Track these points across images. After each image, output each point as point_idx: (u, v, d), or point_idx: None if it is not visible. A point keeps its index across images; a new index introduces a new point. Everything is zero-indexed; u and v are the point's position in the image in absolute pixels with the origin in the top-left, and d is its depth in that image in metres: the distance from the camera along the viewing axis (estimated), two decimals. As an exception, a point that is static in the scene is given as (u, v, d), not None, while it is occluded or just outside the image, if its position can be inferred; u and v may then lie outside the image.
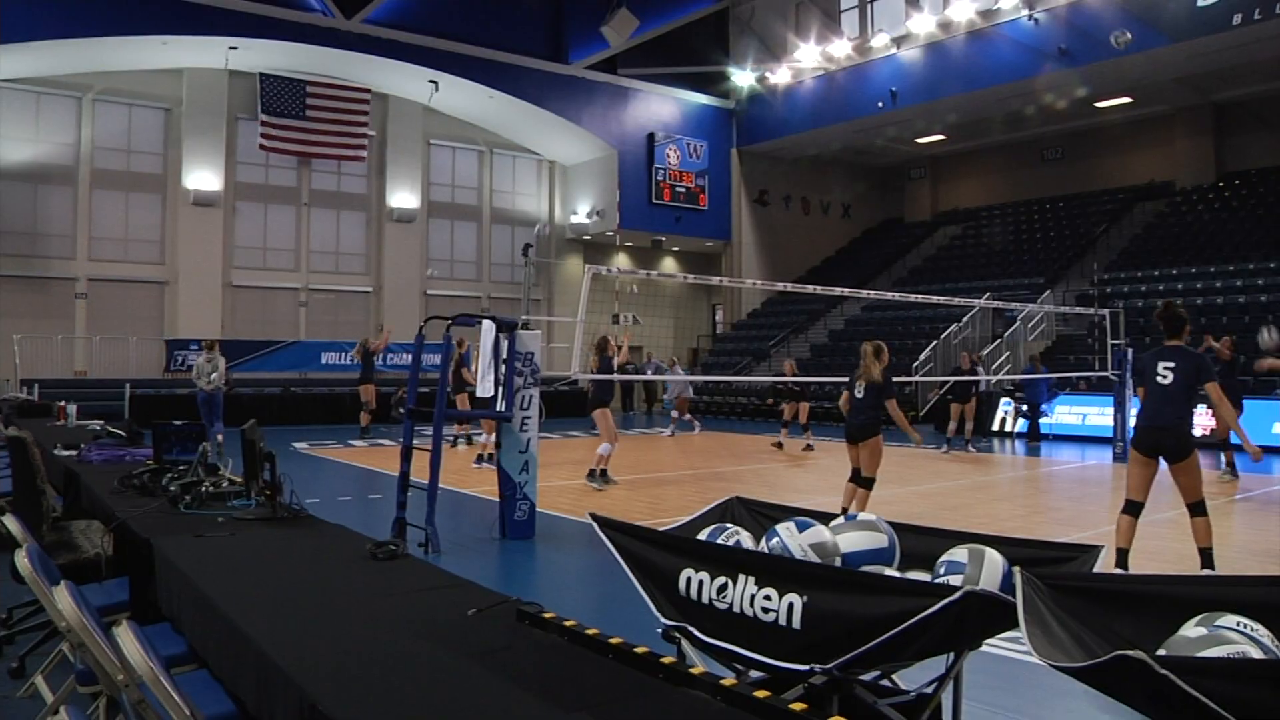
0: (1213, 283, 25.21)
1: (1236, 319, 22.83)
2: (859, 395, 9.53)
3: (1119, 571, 7.10)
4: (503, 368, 8.99)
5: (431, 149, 31.16)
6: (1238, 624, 2.60)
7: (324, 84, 27.77)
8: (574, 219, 33.34)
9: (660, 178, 32.85)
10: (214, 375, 16.84)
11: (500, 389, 9.00)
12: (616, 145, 31.92)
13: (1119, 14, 24.73)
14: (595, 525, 3.59)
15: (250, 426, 5.57)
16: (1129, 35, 19.33)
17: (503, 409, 9.01)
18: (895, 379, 9.75)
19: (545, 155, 33.54)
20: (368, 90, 28.44)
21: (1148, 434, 7.56)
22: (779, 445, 18.86)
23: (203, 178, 26.39)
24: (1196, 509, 7.45)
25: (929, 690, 3.23)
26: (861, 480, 9.47)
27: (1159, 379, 7.52)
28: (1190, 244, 27.91)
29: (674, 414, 23.31)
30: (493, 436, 13.16)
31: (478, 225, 32.39)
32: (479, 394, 9.46)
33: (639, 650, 2.78)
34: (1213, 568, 7.37)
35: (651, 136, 32.68)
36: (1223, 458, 14.12)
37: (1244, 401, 13.95)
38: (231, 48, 25.37)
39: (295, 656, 2.78)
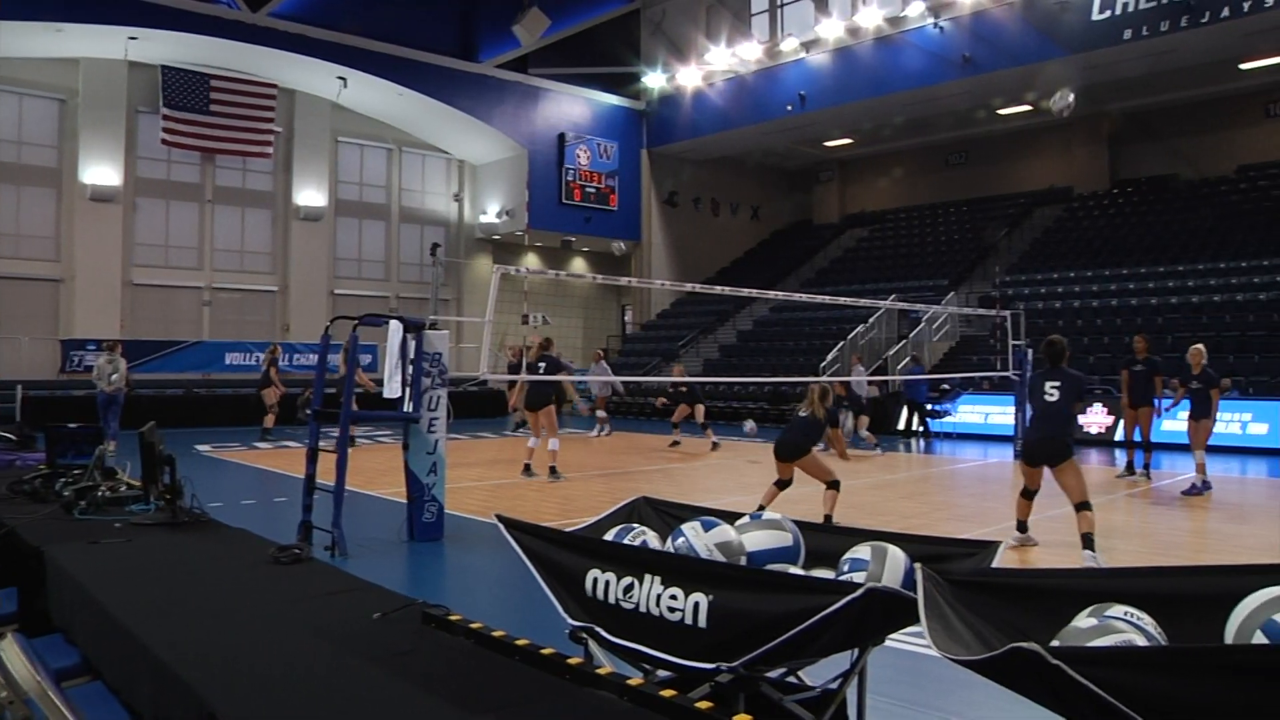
0: (1107, 285, 26.02)
1: (1129, 320, 23.62)
2: (801, 415, 9.93)
3: (1018, 566, 7.29)
4: (410, 368, 8.91)
5: (340, 146, 30.69)
6: (1125, 613, 2.69)
7: (229, 78, 27.14)
8: (483, 219, 33.11)
9: (570, 178, 32.80)
10: (114, 376, 16.38)
11: (408, 390, 8.92)
12: (527, 145, 31.79)
13: (1021, 25, 25.51)
14: (501, 527, 3.57)
15: (149, 429, 5.43)
16: (1070, 100, 19.96)
17: (410, 410, 8.93)
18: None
19: (455, 154, 33.26)
20: (274, 85, 27.90)
21: (1035, 445, 8.67)
22: (675, 444, 19.09)
23: (101, 172, 25.57)
24: (1082, 507, 8.27)
25: (834, 686, 3.28)
26: (829, 484, 9.80)
27: (1046, 397, 8.64)
28: (1086, 248, 28.75)
29: (599, 414, 23.12)
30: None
31: (386, 224, 32.00)
32: (385, 395, 9.34)
33: (545, 652, 2.77)
34: (1093, 549, 8.10)
35: (562, 137, 32.61)
36: (1123, 457, 14.28)
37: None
38: (131, 38, 24.63)
39: (194, 665, 2.72)
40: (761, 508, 9.39)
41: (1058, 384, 8.62)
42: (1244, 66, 26.15)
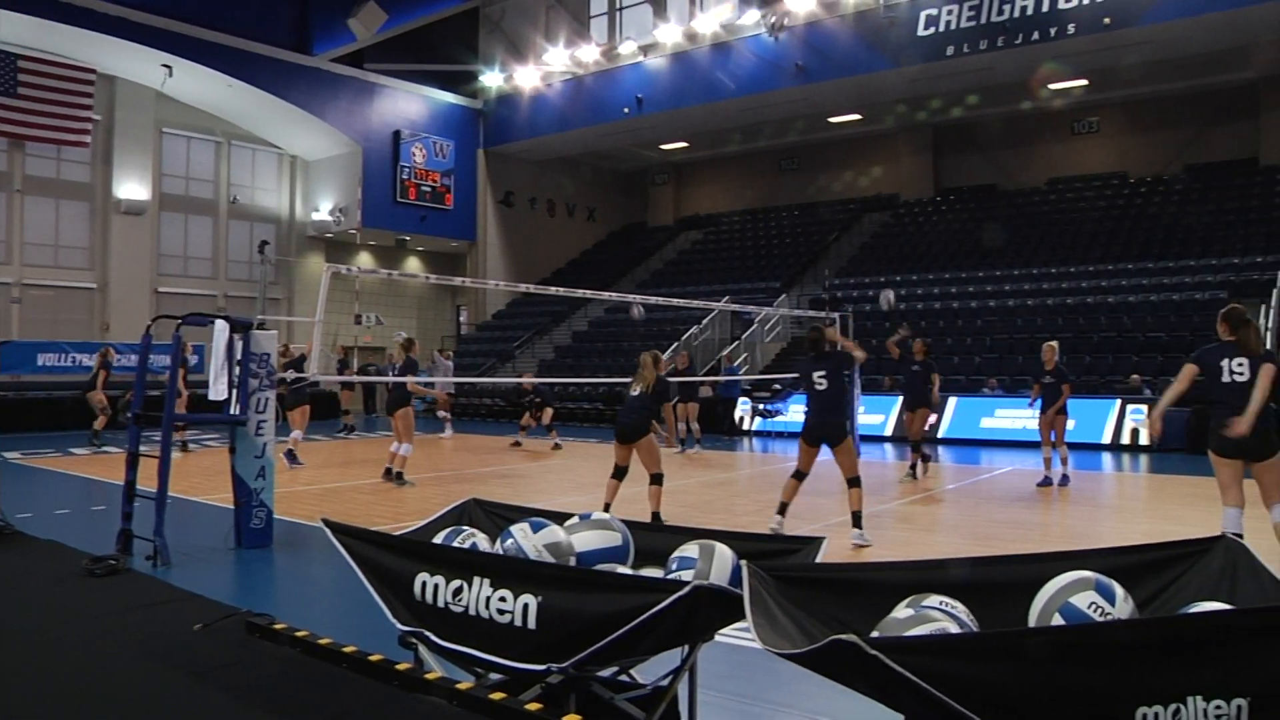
0: (931, 289, 27.15)
1: (951, 322, 24.70)
2: (634, 394, 9.84)
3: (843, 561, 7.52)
4: (237, 369, 8.64)
5: (164, 138, 29.38)
6: (940, 603, 2.81)
7: (40, 60, 25.49)
8: (315, 216, 32.25)
9: (405, 176, 32.25)
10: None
11: (234, 391, 8.64)
12: (361, 141, 31.11)
13: (852, 37, 26.40)
14: (328, 531, 3.49)
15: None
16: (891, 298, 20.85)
17: (237, 412, 8.65)
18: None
19: (287, 149, 32.29)
20: (92, 70, 26.40)
21: (815, 428, 9.03)
22: (518, 444, 19.11)
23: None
24: (853, 482, 8.82)
25: (665, 683, 3.32)
26: (653, 478, 9.79)
27: (816, 385, 9.01)
28: (912, 253, 29.92)
29: (441, 413, 22.57)
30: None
31: (214, 220, 30.84)
32: (211, 397, 9.01)
33: (373, 658, 2.73)
34: (860, 527, 8.72)
35: (397, 134, 32.03)
36: (911, 457, 14.47)
37: (944, 398, 14.79)
38: (-71, 15, 23.08)
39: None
40: (607, 505, 9.48)
41: (824, 372, 8.99)
42: (1053, 87, 27.76)
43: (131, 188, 28.05)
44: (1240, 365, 6.85)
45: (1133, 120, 30.31)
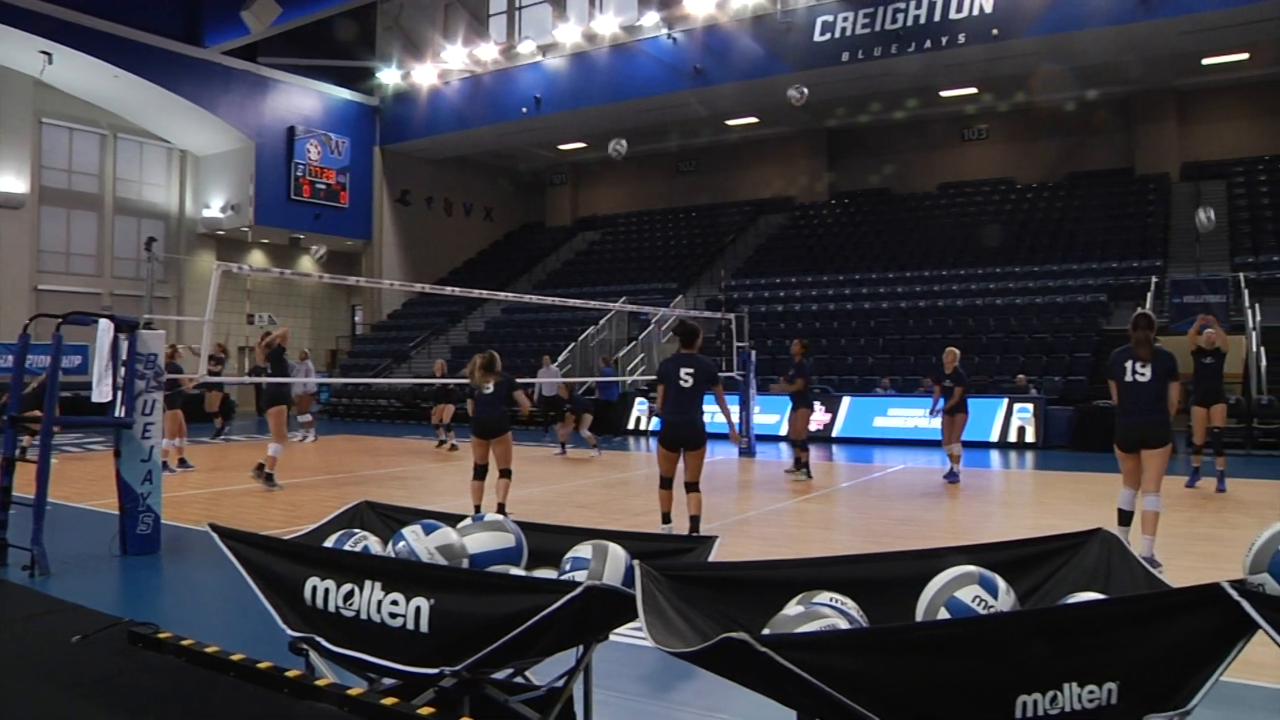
0: (825, 290, 27.61)
1: (845, 324, 25.14)
2: (486, 392, 9.77)
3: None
4: (122, 370, 8.38)
5: (44, 128, 28.35)
6: (830, 599, 2.86)
7: (-98, 43, 24.38)
8: (206, 213, 31.46)
9: (300, 173, 31.67)
10: None
11: (119, 394, 8.38)
12: (254, 137, 30.45)
13: (749, 41, 26.70)
14: (215, 536, 3.41)
15: None
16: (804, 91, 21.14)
17: (122, 415, 8.39)
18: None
19: (176, 143, 31.43)
20: (-38, 57, 25.38)
21: (675, 427, 8.74)
22: (444, 444, 18.98)
23: None
24: (692, 487, 8.62)
25: (560, 684, 3.32)
26: (503, 472, 9.75)
27: (681, 383, 8.69)
28: (807, 255, 30.37)
29: (302, 418, 21.06)
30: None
31: (99, 216, 29.87)
32: (95, 399, 8.71)
33: (262, 666, 2.67)
34: (698, 530, 8.48)
35: (292, 130, 31.43)
36: (794, 456, 14.74)
37: (813, 401, 15.04)
38: None
39: None
40: (477, 508, 9.40)
41: (691, 370, 8.69)
42: (943, 94, 28.48)
43: (7, 180, 26.98)
44: (1143, 367, 7.37)
45: (1019, 129, 31.25)
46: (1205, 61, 25.71)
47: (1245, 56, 25.26)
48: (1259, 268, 22.78)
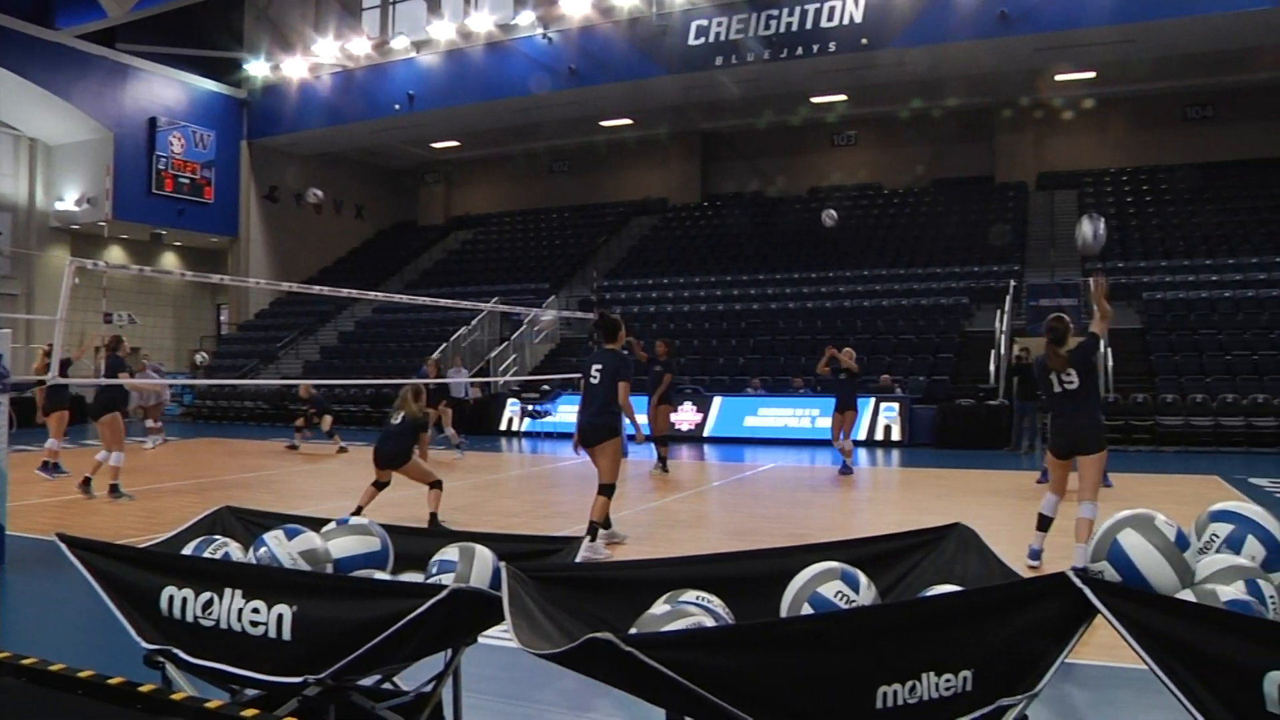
0: (697, 291, 27.92)
1: (716, 324, 25.46)
2: (394, 422, 9.71)
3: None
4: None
5: (-128, 112, 26.75)
6: (697, 598, 2.89)
7: None
8: (60, 206, 30.07)
9: (162, 166, 30.56)
10: None
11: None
12: (113, 127, 29.23)
13: (625, 43, 26.84)
14: (63, 546, 3.27)
15: None
16: (834, 215, 21.62)
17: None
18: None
19: (26, 131, 29.90)
20: None
21: (579, 427, 8.68)
22: (294, 447, 18.56)
23: None
24: (605, 490, 8.44)
25: (428, 689, 3.28)
26: (433, 484, 9.67)
27: (590, 379, 8.62)
28: (679, 256, 30.67)
29: (148, 423, 19.72)
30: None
31: (-61, 208, 28.39)
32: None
33: (113, 682, 2.56)
34: (594, 537, 8.25)
35: (154, 121, 30.29)
36: (657, 452, 14.72)
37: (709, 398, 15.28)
38: None
39: None
40: (360, 509, 9.25)
41: (600, 365, 8.61)
42: (815, 100, 29.11)
43: None
44: (1069, 376, 7.54)
45: (887, 135, 32.10)
46: (1058, 78, 26.87)
47: (1092, 75, 26.52)
48: (1106, 273, 23.77)
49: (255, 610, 2.88)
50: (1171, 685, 2.36)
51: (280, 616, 2.85)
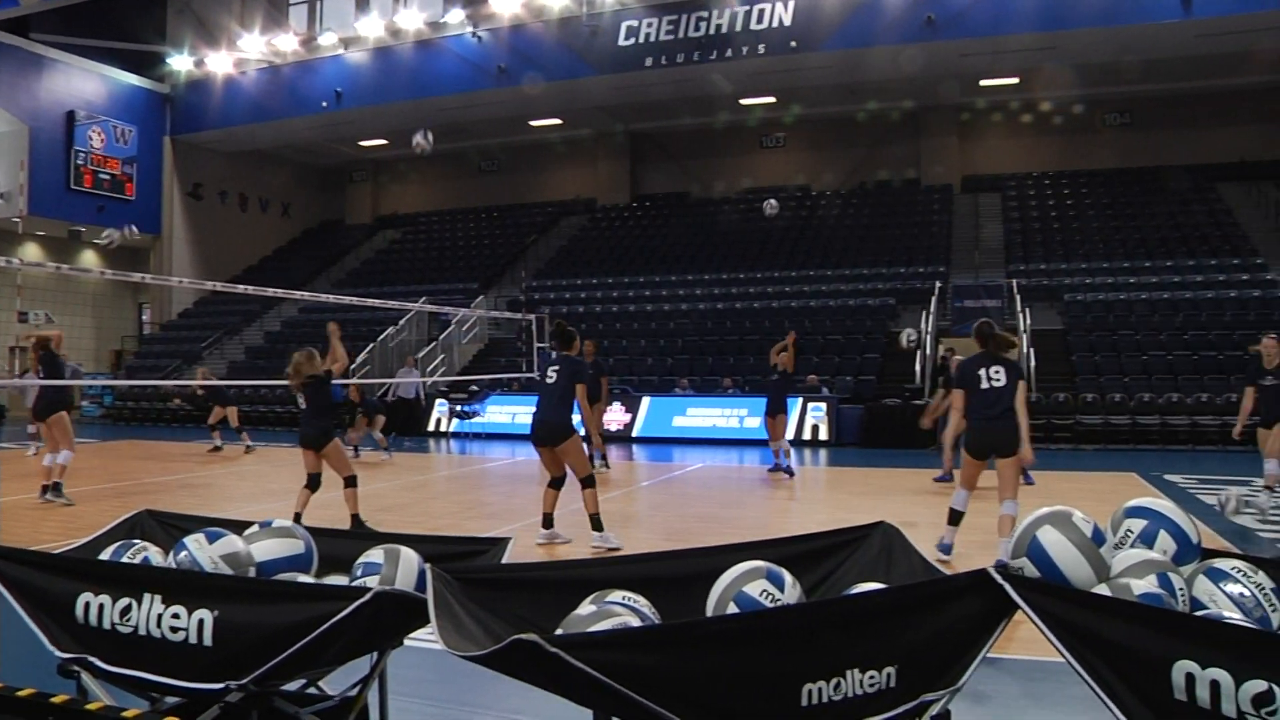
0: (626, 292, 27.97)
1: (645, 325, 25.54)
2: (304, 405, 9.41)
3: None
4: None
5: None
6: (624, 598, 2.91)
7: None
8: (-30, 201, 29.21)
9: (81, 161, 29.79)
10: None
11: None
12: (28, 120, 28.39)
13: (555, 43, 26.81)
14: (-29, 554, 3.19)
15: None
16: (775, 204, 21.49)
17: None
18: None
19: (-65, 123, 29.08)
20: None
21: (534, 426, 9.01)
22: (217, 449, 18.19)
23: None
24: (587, 482, 8.80)
25: (354, 692, 3.26)
26: (349, 480, 9.48)
27: (547, 379, 9.00)
28: (608, 256, 30.70)
29: (30, 428, 18.19)
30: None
31: None
32: None
33: (23, 693, 2.51)
34: (600, 529, 8.68)
35: (72, 115, 29.48)
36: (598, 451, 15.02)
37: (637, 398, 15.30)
38: None
39: None
40: (298, 515, 9.08)
41: (557, 368, 8.94)
42: (744, 102, 29.32)
43: None
44: (997, 372, 7.68)
45: (815, 138, 32.42)
46: (983, 83, 27.36)
47: (1016, 81, 27.03)
48: (1030, 275, 24.39)
49: (175, 616, 2.83)
50: (1086, 675, 2.43)
51: (201, 622, 2.81)
